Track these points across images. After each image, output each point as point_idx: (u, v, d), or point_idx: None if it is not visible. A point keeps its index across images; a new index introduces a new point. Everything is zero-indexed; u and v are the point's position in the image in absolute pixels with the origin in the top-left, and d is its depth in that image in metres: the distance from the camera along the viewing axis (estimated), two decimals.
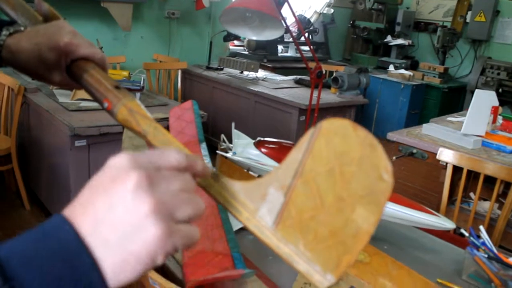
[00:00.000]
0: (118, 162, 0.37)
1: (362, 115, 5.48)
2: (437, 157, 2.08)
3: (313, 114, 2.95)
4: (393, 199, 1.16)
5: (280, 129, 3.44)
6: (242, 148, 1.26)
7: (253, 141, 1.29)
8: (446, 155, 2.04)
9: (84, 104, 2.58)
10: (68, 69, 0.63)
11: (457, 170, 2.08)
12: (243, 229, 1.19)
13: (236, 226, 1.19)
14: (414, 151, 2.25)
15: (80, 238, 0.35)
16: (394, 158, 2.24)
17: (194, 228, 0.39)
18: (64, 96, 2.68)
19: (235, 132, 1.29)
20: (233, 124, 1.28)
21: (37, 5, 0.72)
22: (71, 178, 2.37)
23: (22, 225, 2.68)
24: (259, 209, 0.43)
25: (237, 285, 0.87)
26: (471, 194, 2.57)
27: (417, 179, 2.42)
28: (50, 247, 0.34)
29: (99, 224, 0.35)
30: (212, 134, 3.97)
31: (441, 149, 2.08)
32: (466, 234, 1.14)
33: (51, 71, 0.64)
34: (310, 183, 0.42)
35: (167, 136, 0.48)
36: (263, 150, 1.26)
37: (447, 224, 1.12)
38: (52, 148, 2.60)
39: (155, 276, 0.94)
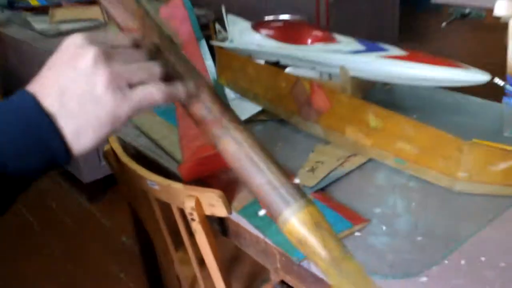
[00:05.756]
0: (74, 41, 0.40)
1: None
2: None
3: None
4: (413, 58, 0.99)
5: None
6: (239, 34, 1.14)
7: (251, 23, 1.16)
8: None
9: (65, 26, 2.25)
10: None
11: None
12: (251, 121, 1.11)
13: (243, 116, 1.11)
14: (467, 11, 1.95)
15: (42, 107, 0.38)
16: (443, 24, 1.96)
17: (153, 87, 0.41)
18: (40, 22, 2.29)
19: (229, 18, 1.16)
20: (223, 8, 1.15)
21: None
22: None
23: None
24: None
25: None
26: None
27: (474, 50, 2.12)
28: (14, 117, 0.38)
29: (60, 95, 0.39)
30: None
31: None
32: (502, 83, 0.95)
33: None
34: None
35: None
36: (264, 32, 1.13)
37: (480, 76, 0.94)
38: None
39: (153, 177, 0.90)
